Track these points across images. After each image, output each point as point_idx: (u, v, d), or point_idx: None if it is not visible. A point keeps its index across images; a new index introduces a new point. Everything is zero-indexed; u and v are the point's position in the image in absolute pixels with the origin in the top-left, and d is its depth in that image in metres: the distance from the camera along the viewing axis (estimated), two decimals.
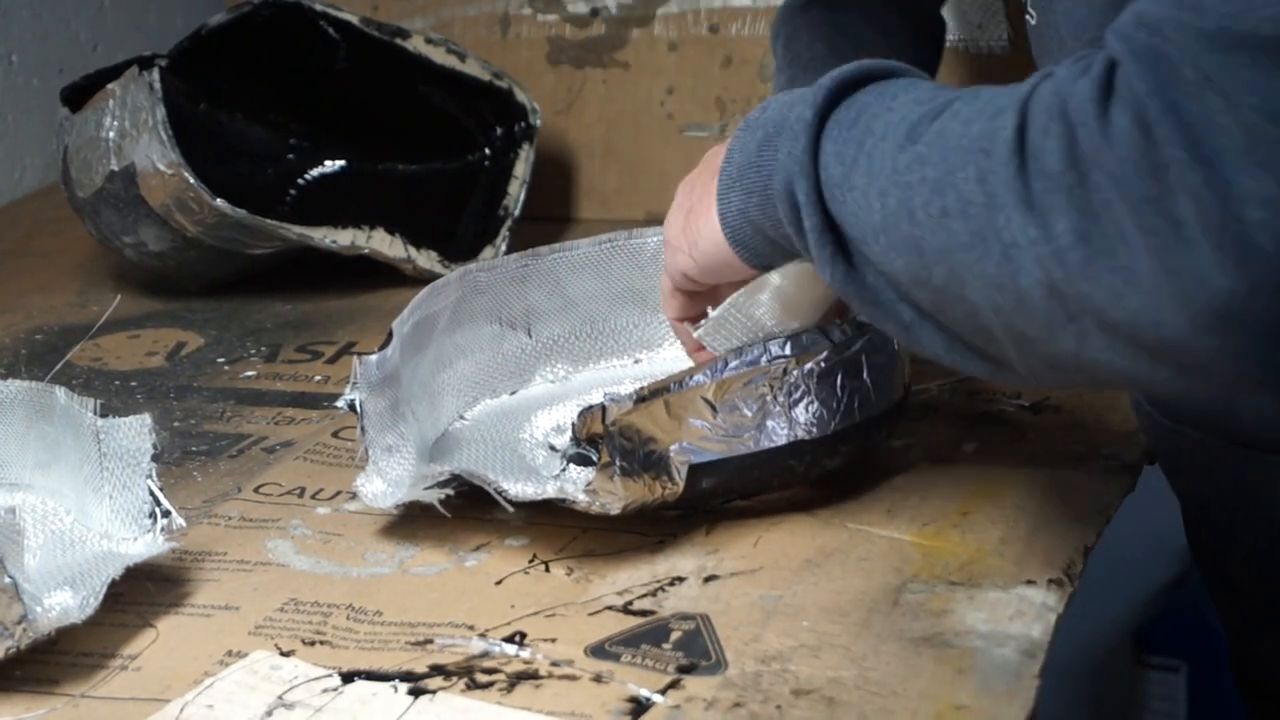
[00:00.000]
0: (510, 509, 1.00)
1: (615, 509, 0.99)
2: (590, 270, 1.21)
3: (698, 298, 1.05)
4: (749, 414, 1.01)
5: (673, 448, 1.00)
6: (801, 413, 1.02)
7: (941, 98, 0.86)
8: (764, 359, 1.01)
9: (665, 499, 1.01)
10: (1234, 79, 0.73)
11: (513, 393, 1.19)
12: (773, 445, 1.02)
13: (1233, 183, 0.73)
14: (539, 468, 1.09)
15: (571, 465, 1.00)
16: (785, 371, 1.01)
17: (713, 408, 1.00)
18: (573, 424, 0.98)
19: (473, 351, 1.17)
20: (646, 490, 1.00)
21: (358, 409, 1.04)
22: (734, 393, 1.01)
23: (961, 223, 0.82)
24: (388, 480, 1.04)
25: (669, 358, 1.21)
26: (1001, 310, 0.82)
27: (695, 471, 1.00)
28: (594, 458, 0.99)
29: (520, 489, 1.00)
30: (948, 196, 0.83)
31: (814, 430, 1.02)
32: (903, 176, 0.85)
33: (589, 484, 0.98)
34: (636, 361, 1.23)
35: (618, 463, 0.98)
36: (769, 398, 1.01)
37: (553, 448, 1.12)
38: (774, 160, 0.92)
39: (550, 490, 0.99)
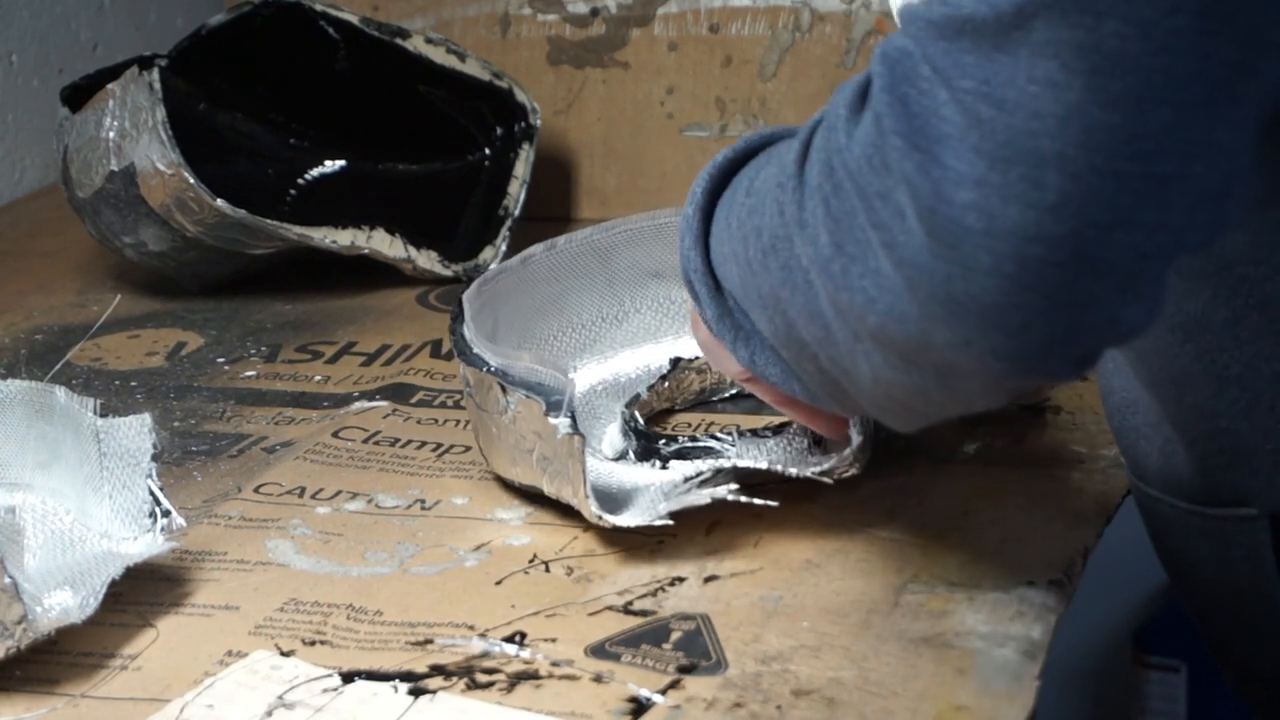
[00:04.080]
0: (831, 479, 1.02)
1: (858, 471, 1.03)
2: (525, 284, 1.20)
3: None
4: None
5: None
6: None
7: (787, 142, 0.85)
8: None
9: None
10: (956, 65, 0.73)
11: None
12: None
13: (946, 166, 0.73)
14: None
15: (635, 457, 1.01)
16: None
17: None
18: (634, 415, 0.98)
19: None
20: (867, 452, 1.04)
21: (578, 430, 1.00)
22: None
23: (774, 258, 0.82)
24: (621, 497, 1.03)
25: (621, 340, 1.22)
26: (821, 344, 0.82)
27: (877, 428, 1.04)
28: (659, 447, 1.01)
29: (801, 469, 1.02)
30: (764, 236, 0.83)
31: None
32: (740, 230, 0.85)
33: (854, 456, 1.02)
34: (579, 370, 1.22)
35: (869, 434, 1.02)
36: None
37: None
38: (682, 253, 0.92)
39: (836, 460, 1.02)
